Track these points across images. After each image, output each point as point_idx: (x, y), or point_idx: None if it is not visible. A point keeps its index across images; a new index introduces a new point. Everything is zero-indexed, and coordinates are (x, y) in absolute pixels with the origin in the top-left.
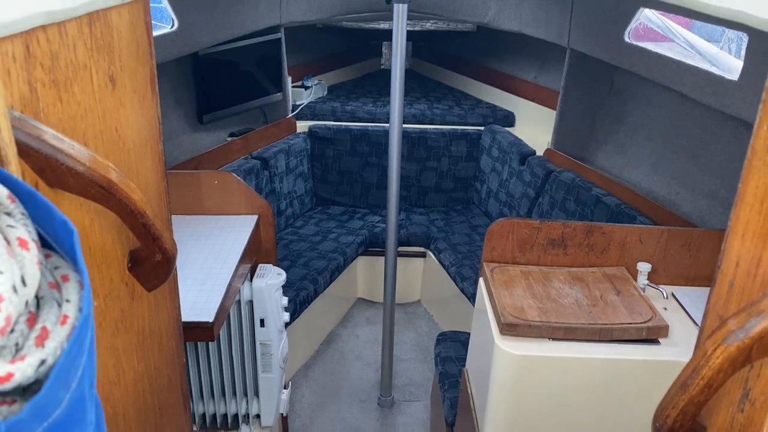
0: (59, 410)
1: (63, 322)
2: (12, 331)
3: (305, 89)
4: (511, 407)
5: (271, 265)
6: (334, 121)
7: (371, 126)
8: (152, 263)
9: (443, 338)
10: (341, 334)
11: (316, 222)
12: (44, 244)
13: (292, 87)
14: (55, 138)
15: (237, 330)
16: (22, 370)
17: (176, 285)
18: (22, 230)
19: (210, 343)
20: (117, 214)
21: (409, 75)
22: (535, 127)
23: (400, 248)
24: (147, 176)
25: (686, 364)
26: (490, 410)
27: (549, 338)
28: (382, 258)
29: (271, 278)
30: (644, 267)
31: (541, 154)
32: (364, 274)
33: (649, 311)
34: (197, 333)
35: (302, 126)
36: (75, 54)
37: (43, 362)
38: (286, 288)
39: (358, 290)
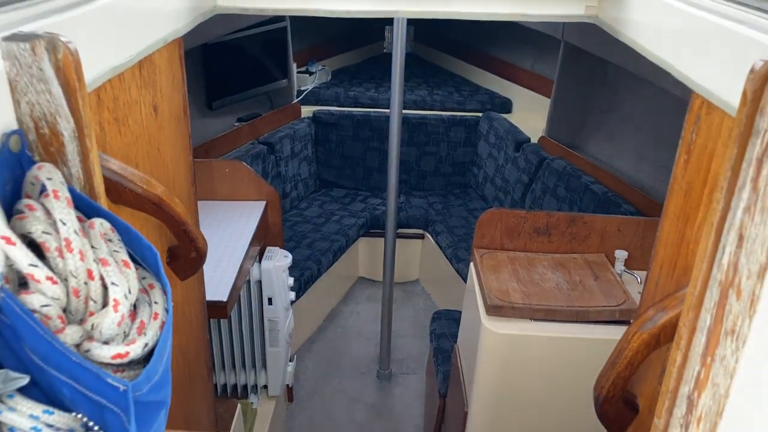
0: (157, 376)
1: (155, 318)
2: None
3: (309, 75)
4: (495, 381)
5: (278, 248)
6: (338, 106)
7: (373, 111)
8: (188, 259)
9: (438, 316)
10: (343, 311)
11: (320, 204)
12: (132, 260)
13: (297, 73)
14: (120, 168)
15: (247, 308)
16: (134, 350)
17: (202, 274)
18: (124, 253)
19: (222, 319)
20: (164, 222)
21: (411, 59)
22: (531, 114)
23: (400, 230)
24: (181, 184)
25: (615, 346)
26: (477, 383)
27: (531, 319)
28: (383, 239)
29: (279, 260)
30: (621, 254)
31: (536, 141)
32: (365, 255)
33: (623, 295)
34: (213, 311)
35: (307, 111)
36: (129, 94)
37: (146, 345)
38: (292, 268)
39: (359, 270)
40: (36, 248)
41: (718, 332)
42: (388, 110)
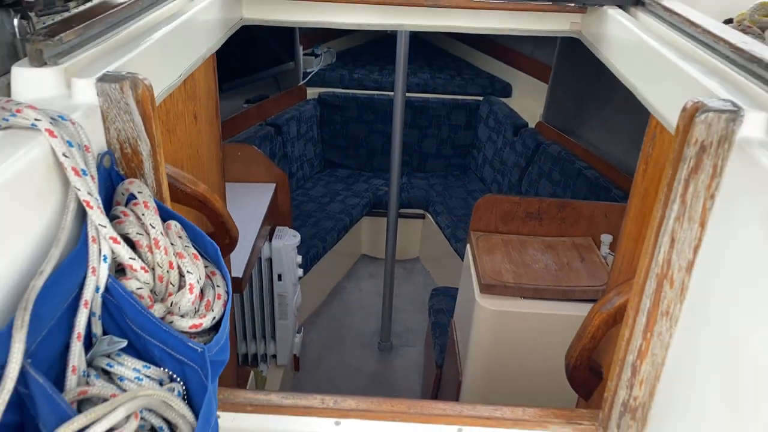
0: (222, 342)
1: (218, 298)
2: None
3: (315, 57)
4: (487, 353)
5: (287, 227)
6: (342, 88)
7: (377, 94)
8: (222, 245)
9: (436, 293)
10: (346, 287)
11: (325, 184)
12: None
13: (303, 55)
14: (173, 172)
15: (258, 283)
16: (205, 322)
17: (229, 257)
18: (193, 249)
19: (236, 294)
20: (205, 215)
21: (415, 42)
22: (530, 98)
23: (401, 210)
24: (214, 179)
25: (581, 323)
26: (471, 355)
27: (521, 297)
28: (385, 219)
29: (288, 239)
30: (606, 238)
31: (533, 126)
32: (368, 233)
33: (606, 276)
34: None
35: (312, 93)
36: (177, 107)
37: (213, 318)
38: (299, 246)
39: (362, 248)
40: (130, 244)
41: (655, 313)
42: (391, 93)
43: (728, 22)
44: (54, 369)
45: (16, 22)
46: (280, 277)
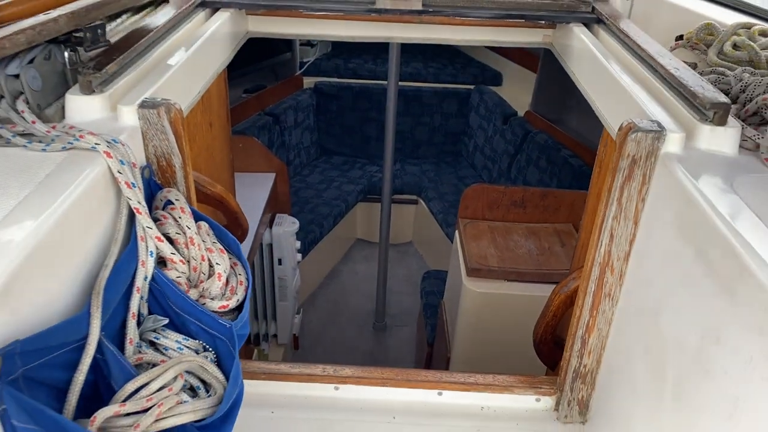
0: (244, 319)
1: (240, 284)
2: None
3: (311, 47)
4: (473, 332)
5: (286, 215)
6: (338, 78)
7: (371, 83)
8: (235, 236)
9: (428, 276)
10: (342, 270)
11: (321, 171)
12: None
13: (300, 45)
14: (196, 176)
15: (260, 267)
16: (231, 304)
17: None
18: (220, 245)
19: None
20: (221, 211)
21: None
22: (519, 87)
23: (395, 195)
24: (225, 177)
25: (546, 301)
26: (458, 333)
27: (505, 280)
28: (379, 204)
29: (287, 226)
30: None
31: (522, 114)
32: (362, 218)
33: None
34: None
35: (308, 82)
36: (196, 118)
37: (237, 300)
38: (297, 232)
39: (357, 232)
40: (169, 241)
41: (600, 295)
42: (385, 82)
43: (679, 38)
44: (116, 341)
45: (66, 54)
46: (280, 262)
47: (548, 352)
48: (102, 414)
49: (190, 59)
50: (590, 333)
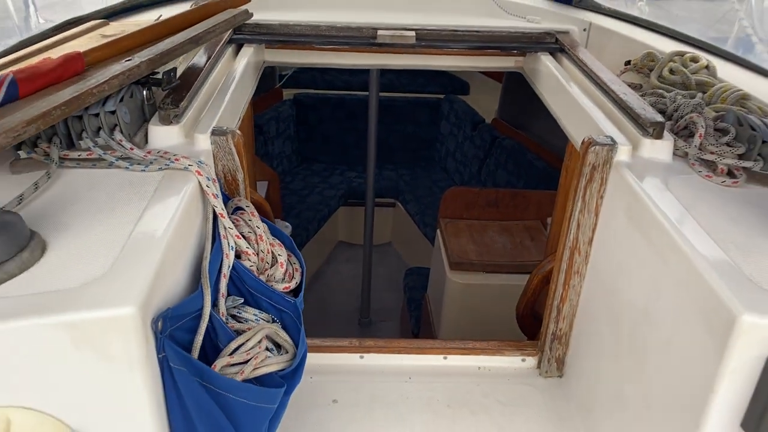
0: (300, 297)
1: (296, 270)
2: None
3: None
4: (457, 319)
5: (279, 219)
6: (315, 89)
7: (347, 94)
8: None
9: (410, 272)
10: (327, 271)
11: (302, 178)
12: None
13: None
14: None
15: None
16: (292, 285)
17: None
18: (277, 240)
19: None
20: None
21: None
22: (486, 96)
23: (375, 199)
24: (253, 185)
25: (527, 281)
26: (443, 322)
27: (483, 271)
28: (359, 208)
29: (283, 229)
30: (551, 221)
31: (489, 121)
32: (344, 222)
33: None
34: None
35: (288, 94)
36: None
37: (296, 282)
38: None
39: (339, 235)
40: (243, 238)
41: (570, 272)
42: (360, 93)
43: (627, 63)
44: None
45: (144, 92)
46: None
47: (529, 324)
48: (219, 363)
49: (233, 90)
50: (564, 303)
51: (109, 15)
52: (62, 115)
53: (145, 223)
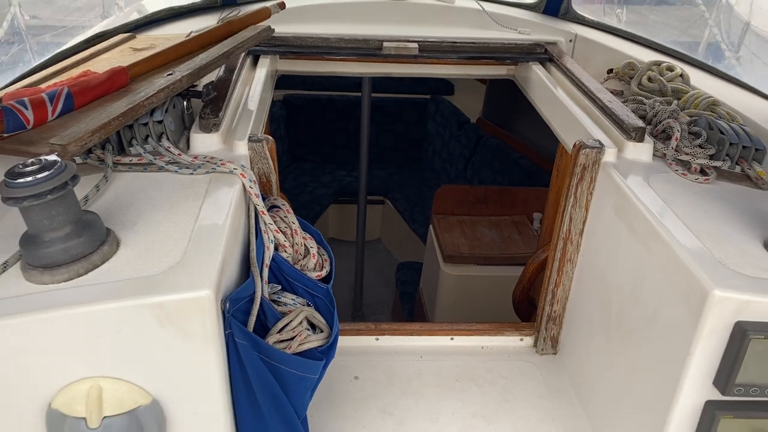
0: (330, 284)
1: (326, 261)
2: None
3: None
4: (451, 310)
5: None
6: (305, 90)
7: (336, 95)
8: None
9: (402, 267)
10: None
11: (294, 177)
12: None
13: None
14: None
15: None
16: (323, 273)
17: None
18: (307, 234)
19: None
20: None
21: None
22: (470, 96)
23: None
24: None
25: (522, 270)
26: (438, 313)
27: (475, 264)
28: (350, 205)
29: None
30: (537, 216)
31: (474, 121)
32: (335, 219)
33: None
34: None
35: (278, 95)
36: None
37: (327, 271)
38: None
39: (330, 232)
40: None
41: (564, 260)
42: (349, 93)
43: (610, 71)
44: None
45: (184, 103)
46: None
47: (524, 308)
48: (271, 339)
49: (256, 99)
50: (558, 288)
51: (134, 28)
52: (119, 125)
53: (204, 220)
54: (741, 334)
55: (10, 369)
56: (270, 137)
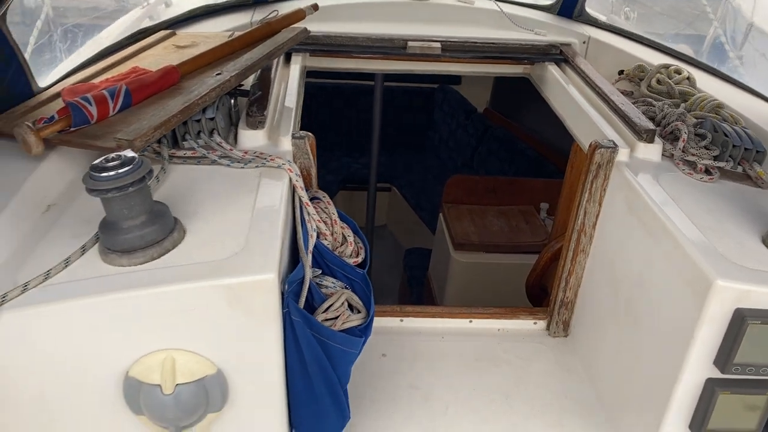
0: (365, 269)
1: (361, 248)
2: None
3: None
4: (460, 296)
5: None
6: (313, 78)
7: (344, 83)
8: None
9: (410, 252)
10: None
11: None
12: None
13: None
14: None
15: None
16: (359, 260)
17: None
18: (345, 224)
19: None
20: None
21: None
22: (477, 86)
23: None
24: None
25: (537, 259)
26: (447, 299)
27: (484, 251)
28: (357, 192)
29: None
30: (544, 206)
31: (481, 111)
32: (343, 205)
33: (545, 233)
34: None
35: None
36: None
37: (362, 257)
38: None
39: None
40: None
41: (578, 251)
42: (356, 81)
43: (621, 72)
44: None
45: (232, 101)
46: None
47: (536, 294)
48: (318, 317)
49: (293, 97)
50: (571, 275)
51: (173, 25)
52: (178, 122)
53: (260, 211)
54: (740, 320)
55: (95, 341)
56: (311, 135)
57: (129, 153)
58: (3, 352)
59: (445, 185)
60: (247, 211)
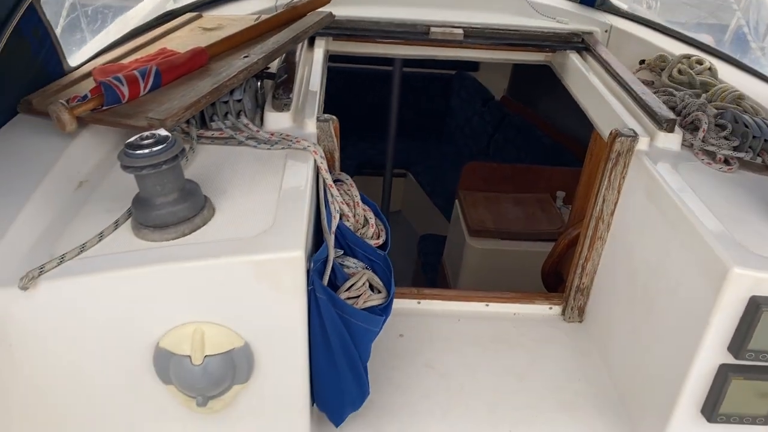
0: (387, 251)
1: (382, 231)
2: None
3: None
4: (475, 282)
5: None
6: (330, 62)
7: (358, 67)
8: None
9: (424, 238)
10: None
11: None
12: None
13: None
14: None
15: None
16: (380, 241)
17: None
18: (366, 206)
19: None
20: None
21: None
22: (495, 73)
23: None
24: None
25: (553, 245)
26: (461, 284)
27: (500, 238)
28: (373, 177)
29: None
30: (560, 194)
31: (499, 98)
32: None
33: (560, 222)
34: None
35: None
36: None
37: (383, 239)
38: None
39: None
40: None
41: (595, 238)
42: (372, 66)
43: (642, 62)
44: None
45: (258, 84)
46: None
47: (552, 282)
48: (342, 296)
49: (316, 80)
50: (587, 262)
51: (198, 6)
52: (207, 103)
53: (286, 191)
54: (755, 307)
55: (128, 312)
56: (335, 118)
57: (162, 132)
58: (41, 321)
59: (462, 172)
60: (274, 192)
